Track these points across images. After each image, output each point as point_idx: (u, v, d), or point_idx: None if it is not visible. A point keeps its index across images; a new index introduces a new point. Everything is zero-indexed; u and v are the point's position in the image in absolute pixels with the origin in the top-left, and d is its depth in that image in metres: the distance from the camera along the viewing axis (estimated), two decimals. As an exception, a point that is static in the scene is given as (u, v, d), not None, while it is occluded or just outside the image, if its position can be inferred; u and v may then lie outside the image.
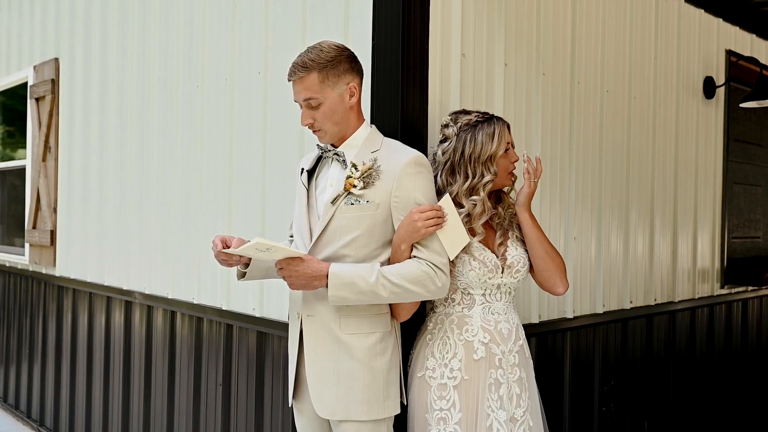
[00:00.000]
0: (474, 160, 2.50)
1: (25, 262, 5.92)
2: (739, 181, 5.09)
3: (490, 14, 3.10)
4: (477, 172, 2.50)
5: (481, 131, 2.51)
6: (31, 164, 5.74)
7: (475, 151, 2.50)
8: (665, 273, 4.28)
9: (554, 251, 2.61)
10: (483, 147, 2.49)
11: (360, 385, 2.35)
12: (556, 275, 2.61)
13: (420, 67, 2.76)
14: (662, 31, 4.23)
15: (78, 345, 5.11)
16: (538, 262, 2.59)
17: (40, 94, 5.56)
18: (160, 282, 4.15)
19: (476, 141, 2.50)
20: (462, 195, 2.51)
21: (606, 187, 3.79)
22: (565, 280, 2.63)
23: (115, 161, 4.64)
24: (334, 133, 2.41)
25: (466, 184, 2.51)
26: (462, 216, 2.46)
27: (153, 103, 4.25)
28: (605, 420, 3.85)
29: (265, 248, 2.22)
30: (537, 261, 2.59)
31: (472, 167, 2.51)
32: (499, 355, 2.52)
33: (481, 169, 2.50)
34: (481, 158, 2.50)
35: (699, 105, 4.59)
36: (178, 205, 4.00)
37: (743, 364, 5.18)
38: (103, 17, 4.84)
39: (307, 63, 2.32)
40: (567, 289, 2.65)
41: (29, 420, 5.79)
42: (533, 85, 3.34)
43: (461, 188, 2.51)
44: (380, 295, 2.28)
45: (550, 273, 2.60)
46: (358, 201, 2.33)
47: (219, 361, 3.69)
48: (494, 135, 2.51)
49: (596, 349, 3.81)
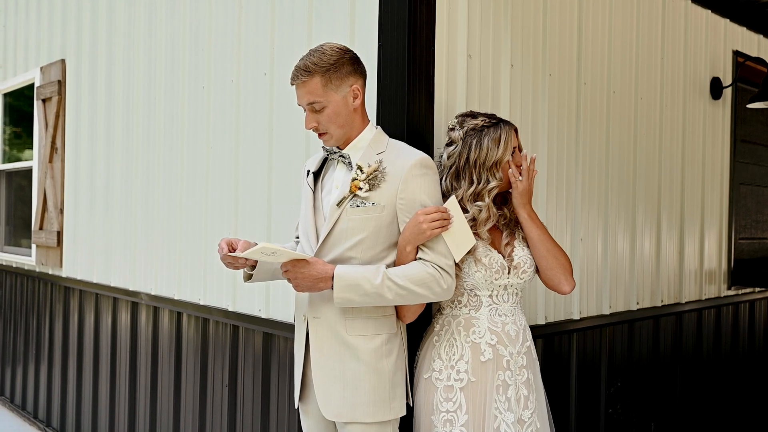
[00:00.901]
0: (479, 166, 2.49)
1: (31, 263, 5.93)
2: (747, 182, 5.07)
3: (496, 15, 3.10)
4: (482, 178, 2.49)
5: (487, 136, 2.49)
6: (38, 165, 5.75)
7: (481, 157, 2.48)
8: (672, 274, 4.27)
9: (558, 249, 2.58)
10: (489, 153, 2.47)
11: (366, 387, 2.34)
12: (560, 273, 2.57)
13: (426, 69, 2.76)
14: (669, 32, 4.22)
15: (84, 346, 5.12)
16: (541, 261, 2.56)
17: (46, 95, 5.58)
18: (167, 283, 4.16)
19: (482, 146, 2.48)
20: (467, 200, 2.49)
21: (612, 188, 3.78)
22: (570, 278, 2.60)
23: (122, 162, 4.65)
24: (338, 136, 2.40)
25: (471, 189, 2.49)
26: (467, 221, 2.45)
27: (159, 104, 4.26)
28: (612, 421, 3.84)
29: (271, 252, 2.22)
30: (540, 260, 2.57)
31: (477, 173, 2.49)
32: (507, 357, 2.51)
33: (487, 175, 2.49)
34: (486, 164, 2.48)
35: (706, 106, 4.58)
36: (184, 206, 4.00)
37: (750, 365, 5.16)
38: (109, 19, 4.85)
39: (309, 67, 2.31)
40: (573, 287, 2.62)
41: (36, 420, 5.80)
42: (539, 86, 3.34)
43: (466, 193, 2.49)
44: (385, 296, 2.27)
45: (553, 271, 2.57)
46: (363, 203, 2.32)
47: (225, 363, 3.70)
48: (500, 140, 2.48)
49: (603, 351, 3.80)
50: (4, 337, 6.62)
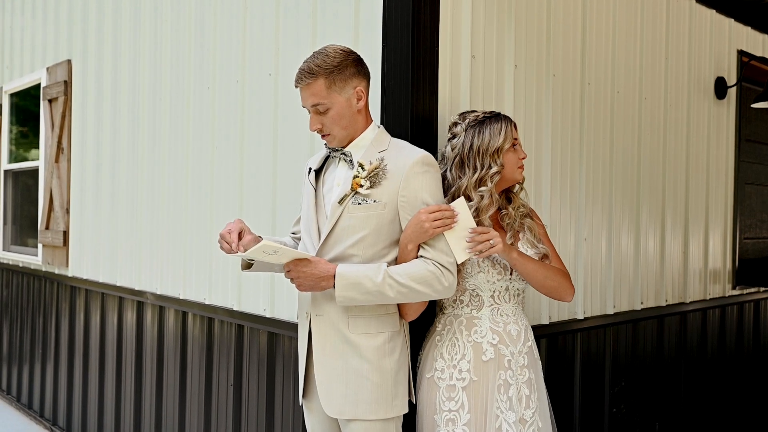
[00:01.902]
0: (482, 153, 2.55)
1: (38, 263, 5.96)
2: (751, 182, 5.06)
3: (500, 16, 3.10)
4: (485, 164, 2.54)
5: (489, 126, 2.56)
6: (44, 165, 5.78)
7: (483, 144, 2.54)
8: (676, 274, 4.27)
9: (552, 271, 2.61)
10: (490, 140, 2.54)
11: (368, 385, 2.36)
12: (561, 291, 2.65)
13: (430, 69, 2.77)
14: (673, 32, 4.22)
15: (90, 345, 5.14)
16: (541, 289, 2.62)
17: (53, 95, 5.60)
18: (172, 282, 4.18)
19: (483, 135, 2.55)
20: (471, 187, 2.54)
21: (617, 188, 3.78)
22: (570, 289, 2.67)
23: (127, 162, 4.67)
24: (342, 137, 2.42)
25: (475, 176, 2.54)
26: (471, 210, 2.47)
27: (165, 104, 4.28)
28: (616, 421, 3.84)
29: (272, 251, 2.24)
30: (539, 288, 2.62)
31: (480, 159, 2.55)
32: (508, 357, 2.53)
33: (489, 161, 2.54)
34: (488, 150, 2.54)
35: (710, 105, 4.58)
36: (190, 206, 4.02)
37: (755, 365, 5.15)
38: (115, 19, 4.87)
39: (313, 69, 2.33)
40: (574, 294, 2.69)
41: (42, 419, 5.83)
42: (543, 86, 3.34)
43: (470, 180, 2.54)
44: (387, 295, 2.29)
45: (554, 293, 2.65)
46: (365, 201, 2.34)
47: (230, 361, 3.71)
48: (501, 130, 2.56)
49: (607, 350, 3.80)
50: (11, 336, 6.65)
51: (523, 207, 2.71)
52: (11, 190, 6.86)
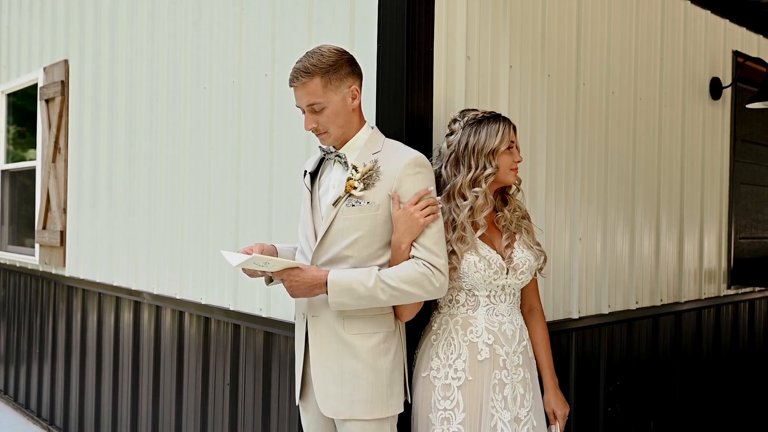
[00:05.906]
0: (477, 153, 2.56)
1: (35, 263, 5.96)
2: (747, 182, 5.08)
3: (494, 16, 3.12)
4: (479, 164, 2.55)
5: (486, 126, 2.57)
6: (41, 165, 5.79)
7: (479, 144, 2.55)
8: (671, 273, 4.28)
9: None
10: (486, 140, 2.55)
11: (364, 385, 2.37)
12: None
13: (425, 70, 2.78)
14: (668, 32, 4.23)
15: (87, 345, 5.15)
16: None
17: (50, 95, 5.61)
18: (169, 282, 4.18)
19: (480, 134, 2.56)
20: (465, 187, 2.55)
21: (612, 188, 3.79)
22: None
23: (124, 162, 4.67)
24: (337, 135, 2.43)
25: (469, 175, 2.55)
26: (466, 209, 2.50)
27: (161, 104, 4.28)
28: (611, 420, 3.85)
29: (263, 262, 2.27)
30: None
31: (475, 159, 2.56)
32: (503, 356, 2.54)
33: (484, 161, 2.55)
34: (483, 151, 2.55)
35: (705, 106, 4.59)
36: (186, 205, 4.03)
37: (750, 365, 5.17)
38: (112, 19, 4.88)
39: (309, 68, 2.34)
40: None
41: (39, 419, 5.83)
42: (538, 86, 3.35)
43: (464, 179, 2.55)
44: (379, 298, 2.30)
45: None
46: (359, 202, 2.35)
47: (226, 361, 3.72)
48: (498, 131, 2.57)
49: (602, 350, 3.81)
50: (8, 336, 6.65)
51: (519, 209, 2.72)
52: (8, 189, 6.86)
